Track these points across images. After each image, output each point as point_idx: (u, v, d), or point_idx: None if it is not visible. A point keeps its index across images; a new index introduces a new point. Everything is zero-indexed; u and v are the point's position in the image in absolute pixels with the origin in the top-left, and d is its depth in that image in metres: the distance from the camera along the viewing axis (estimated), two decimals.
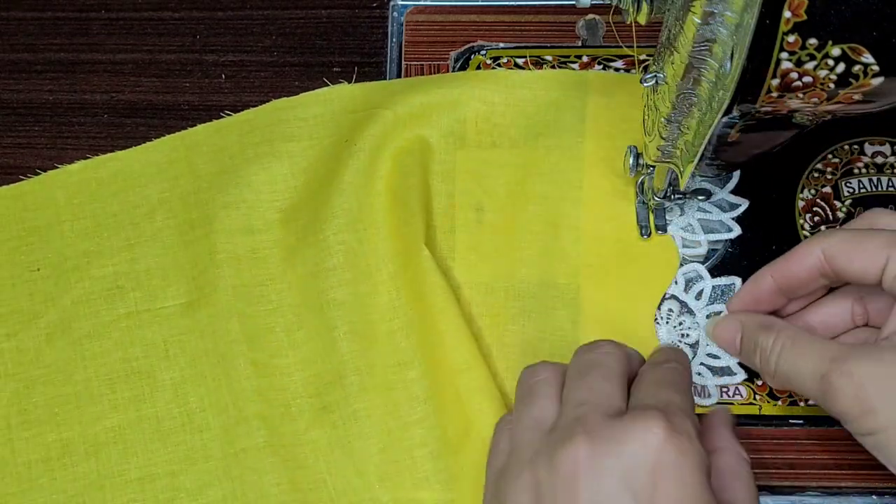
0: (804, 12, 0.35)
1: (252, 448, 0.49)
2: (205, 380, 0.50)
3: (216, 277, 0.52)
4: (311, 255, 0.52)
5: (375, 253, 0.51)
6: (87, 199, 0.55)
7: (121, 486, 0.49)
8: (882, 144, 0.55)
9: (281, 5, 0.63)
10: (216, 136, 0.56)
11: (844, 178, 0.54)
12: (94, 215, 0.54)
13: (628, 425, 0.38)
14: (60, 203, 0.55)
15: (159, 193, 0.55)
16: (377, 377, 0.49)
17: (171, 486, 0.49)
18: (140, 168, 0.56)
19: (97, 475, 0.49)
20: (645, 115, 0.49)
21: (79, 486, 0.49)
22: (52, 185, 0.55)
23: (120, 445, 0.49)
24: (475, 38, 0.59)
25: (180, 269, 0.53)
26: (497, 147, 0.55)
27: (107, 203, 0.55)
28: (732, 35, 0.37)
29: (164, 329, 0.52)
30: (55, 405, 0.50)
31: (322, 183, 0.53)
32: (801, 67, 0.37)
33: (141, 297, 0.52)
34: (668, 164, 0.47)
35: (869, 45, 0.36)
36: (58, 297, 0.52)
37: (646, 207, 0.53)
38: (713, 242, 0.53)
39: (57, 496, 0.49)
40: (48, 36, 0.62)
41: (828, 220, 0.53)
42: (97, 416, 0.50)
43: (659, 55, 0.46)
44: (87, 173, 0.55)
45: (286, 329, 0.51)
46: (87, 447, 0.49)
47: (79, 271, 0.53)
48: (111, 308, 0.52)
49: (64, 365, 0.51)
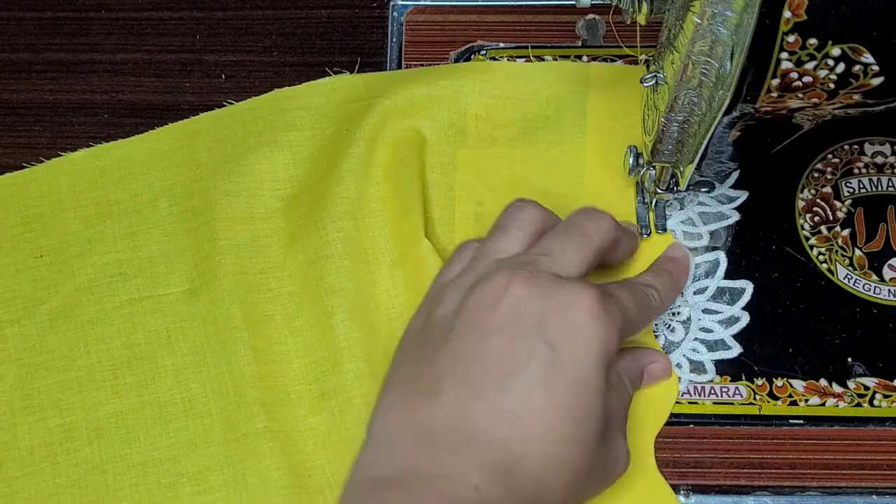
0: (804, 12, 0.35)
1: (252, 433, 0.49)
2: (206, 366, 0.51)
3: (217, 265, 0.52)
4: (310, 243, 0.52)
5: (374, 241, 0.52)
6: (89, 187, 0.55)
7: (123, 471, 0.49)
8: (882, 144, 0.55)
9: (281, 5, 0.63)
10: (219, 125, 0.56)
11: (844, 178, 0.54)
12: (96, 203, 0.55)
13: (569, 286, 0.42)
14: (63, 190, 0.55)
15: (162, 181, 0.55)
16: (374, 364, 0.49)
17: (173, 471, 0.49)
18: (143, 156, 0.56)
19: (99, 460, 0.49)
20: (645, 115, 0.49)
21: (81, 470, 0.49)
22: (55, 172, 0.55)
23: (122, 430, 0.50)
24: (475, 38, 0.59)
25: (183, 256, 0.53)
26: (497, 141, 0.55)
27: (109, 190, 0.55)
28: (732, 35, 0.37)
29: (166, 316, 0.52)
30: (58, 390, 0.51)
31: (323, 172, 0.54)
32: (801, 67, 0.37)
33: (143, 283, 0.53)
34: (668, 165, 0.48)
35: (869, 45, 0.36)
36: (61, 284, 0.53)
37: (646, 207, 0.53)
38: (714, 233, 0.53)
39: (59, 480, 0.49)
40: (48, 36, 0.62)
41: (828, 220, 0.53)
42: (99, 402, 0.50)
43: (659, 55, 0.46)
44: (90, 161, 0.56)
45: (286, 316, 0.51)
46: (90, 432, 0.50)
47: (82, 258, 0.53)
48: (114, 295, 0.52)
49: (67, 351, 0.51)
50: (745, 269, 0.52)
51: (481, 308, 0.42)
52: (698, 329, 0.51)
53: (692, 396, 0.50)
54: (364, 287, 0.51)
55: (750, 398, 0.50)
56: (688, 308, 0.51)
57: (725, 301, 0.52)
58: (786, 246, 0.53)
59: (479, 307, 0.42)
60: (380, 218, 0.52)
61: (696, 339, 0.51)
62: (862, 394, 0.50)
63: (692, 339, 0.51)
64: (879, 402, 0.49)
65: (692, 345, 0.51)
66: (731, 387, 0.50)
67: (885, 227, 0.53)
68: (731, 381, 0.50)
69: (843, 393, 0.50)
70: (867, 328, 0.51)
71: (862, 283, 0.52)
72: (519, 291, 0.41)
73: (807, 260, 0.52)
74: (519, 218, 0.46)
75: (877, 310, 0.51)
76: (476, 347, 0.41)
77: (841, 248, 0.52)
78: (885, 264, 0.52)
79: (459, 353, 0.41)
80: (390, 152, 0.53)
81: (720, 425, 0.49)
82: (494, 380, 0.40)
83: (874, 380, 0.50)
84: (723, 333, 0.51)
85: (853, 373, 0.50)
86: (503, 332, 0.41)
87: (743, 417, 0.49)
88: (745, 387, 0.50)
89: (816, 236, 0.53)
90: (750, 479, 0.48)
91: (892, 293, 0.51)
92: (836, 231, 0.53)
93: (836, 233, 0.53)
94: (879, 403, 0.49)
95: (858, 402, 0.50)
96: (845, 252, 0.52)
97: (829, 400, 0.50)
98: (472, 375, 0.41)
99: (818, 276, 0.52)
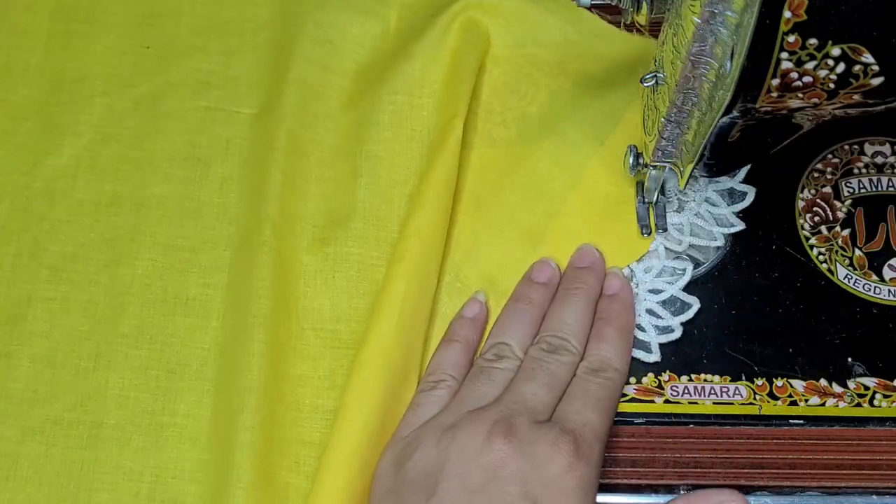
0: (804, 12, 0.35)
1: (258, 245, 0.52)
2: (246, 180, 0.55)
3: (281, 93, 0.56)
4: (364, 107, 0.56)
5: (422, 120, 0.56)
6: (208, 2, 0.60)
7: (149, 246, 0.54)
8: (882, 144, 0.55)
9: None
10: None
11: (844, 178, 0.54)
12: (209, 17, 0.60)
13: (544, 442, 0.43)
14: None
15: (269, 14, 0.59)
16: (382, 231, 0.53)
17: (189, 261, 0.54)
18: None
19: (132, 229, 0.54)
20: (645, 115, 0.49)
21: (115, 233, 0.54)
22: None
23: (159, 212, 0.55)
24: None
25: (262, 84, 0.57)
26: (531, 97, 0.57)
27: (225, 9, 0.60)
28: (732, 35, 0.37)
29: (231, 129, 0.56)
30: (120, 162, 0.56)
31: (397, 48, 0.57)
32: (801, 67, 0.37)
33: (222, 96, 0.57)
34: (668, 165, 0.48)
35: (869, 45, 0.36)
36: (155, 75, 0.58)
37: (646, 207, 0.53)
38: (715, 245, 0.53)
39: (93, 235, 0.54)
40: None
41: (828, 220, 0.53)
42: (150, 182, 0.55)
43: (659, 55, 0.46)
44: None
45: (319, 162, 0.55)
46: (132, 205, 0.55)
47: (180, 59, 0.58)
48: (195, 98, 0.57)
49: (139, 131, 0.57)
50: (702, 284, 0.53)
51: (462, 463, 0.43)
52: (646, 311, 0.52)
53: (692, 396, 0.50)
54: (396, 159, 0.55)
55: (750, 398, 0.50)
56: None
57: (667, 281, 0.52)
58: (786, 246, 0.53)
59: (460, 462, 0.43)
60: (432, 100, 0.56)
61: None
62: (862, 394, 0.50)
63: None
64: (879, 402, 0.50)
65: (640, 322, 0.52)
66: (731, 387, 0.50)
67: (885, 227, 0.53)
68: (730, 381, 0.50)
69: (843, 393, 0.50)
70: (867, 328, 0.51)
71: (862, 283, 0.52)
72: (500, 447, 0.43)
73: (807, 260, 0.52)
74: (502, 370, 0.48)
75: (877, 310, 0.51)
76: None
77: (841, 248, 0.52)
78: (885, 264, 0.52)
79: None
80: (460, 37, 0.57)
81: (720, 425, 0.49)
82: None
83: (874, 380, 0.50)
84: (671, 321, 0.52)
85: (853, 373, 0.50)
86: (486, 489, 0.43)
87: (743, 417, 0.49)
88: (745, 387, 0.50)
89: (816, 236, 0.53)
90: (750, 479, 0.48)
91: (892, 293, 0.51)
92: (836, 231, 0.53)
93: (836, 233, 0.53)
94: (879, 403, 0.50)
95: (858, 402, 0.50)
96: (845, 252, 0.52)
97: (829, 400, 0.50)
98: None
99: (818, 276, 0.52)
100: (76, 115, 0.57)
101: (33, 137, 0.56)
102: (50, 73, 0.58)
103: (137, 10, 0.60)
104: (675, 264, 0.53)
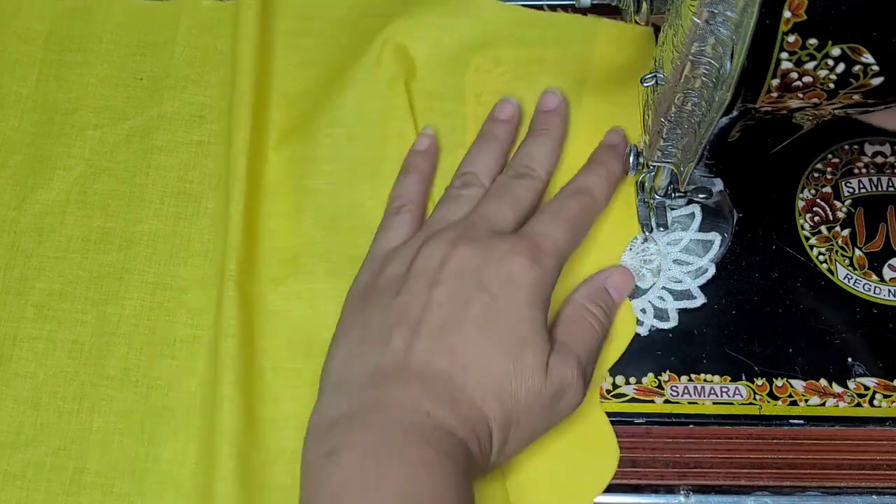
0: (804, 12, 0.35)
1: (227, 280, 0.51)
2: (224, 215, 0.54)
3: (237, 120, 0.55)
4: (298, 141, 0.56)
5: (364, 152, 0.55)
6: (203, 33, 0.59)
7: (137, 284, 0.53)
8: (882, 144, 0.55)
9: None
10: None
11: (844, 178, 0.54)
12: (204, 48, 0.59)
13: (505, 243, 0.47)
14: (181, 28, 0.59)
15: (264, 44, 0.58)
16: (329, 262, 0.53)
17: (177, 300, 0.53)
18: None
19: (121, 267, 0.54)
20: (645, 115, 0.49)
21: (102, 271, 0.54)
22: (179, 9, 0.60)
23: (148, 249, 0.54)
24: None
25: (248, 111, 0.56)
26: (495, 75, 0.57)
27: (219, 41, 0.59)
28: (732, 35, 0.37)
29: (222, 164, 0.55)
30: (110, 197, 0.55)
31: (328, 78, 0.57)
32: (801, 67, 0.37)
33: (216, 130, 0.57)
34: (668, 164, 0.47)
35: (869, 45, 0.36)
36: (148, 108, 0.57)
37: (646, 206, 0.53)
38: None
39: (81, 273, 0.54)
40: None
41: (828, 220, 0.53)
42: (140, 219, 0.55)
43: (659, 55, 0.46)
44: (214, 13, 0.59)
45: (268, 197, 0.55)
46: (122, 241, 0.54)
47: (174, 91, 0.58)
48: (188, 132, 0.57)
49: (131, 166, 0.56)
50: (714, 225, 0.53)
51: (429, 267, 0.47)
52: (667, 278, 0.52)
53: (692, 396, 0.50)
54: (338, 192, 0.54)
55: (750, 398, 0.50)
56: (659, 257, 0.52)
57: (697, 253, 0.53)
58: (786, 246, 0.53)
59: (426, 266, 0.47)
60: (373, 131, 0.55)
61: (664, 287, 0.52)
62: (862, 394, 0.50)
63: (660, 287, 0.52)
64: (879, 402, 0.50)
65: (659, 293, 0.52)
66: (731, 387, 0.50)
67: (885, 227, 0.53)
68: (731, 381, 0.50)
69: (843, 393, 0.50)
70: (867, 328, 0.51)
71: (862, 283, 0.52)
72: (462, 251, 0.47)
73: (807, 260, 0.52)
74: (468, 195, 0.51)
75: (877, 310, 0.51)
76: (422, 298, 0.46)
77: (841, 248, 0.52)
78: (885, 264, 0.52)
79: (408, 304, 0.46)
80: (393, 69, 0.56)
81: (720, 425, 0.49)
82: (437, 322, 0.45)
83: (874, 380, 0.50)
84: (690, 285, 0.52)
85: (853, 373, 0.50)
86: (447, 283, 0.46)
87: (743, 417, 0.49)
88: (745, 387, 0.50)
89: (816, 236, 0.53)
90: (750, 479, 0.48)
91: (892, 293, 0.51)
92: (836, 231, 0.53)
93: (836, 233, 0.53)
94: (879, 403, 0.50)
95: (858, 402, 0.50)
96: (845, 252, 0.52)
97: (829, 400, 0.50)
98: (418, 321, 0.45)
99: (818, 276, 0.52)
100: (67, 147, 0.56)
101: (23, 171, 0.56)
102: (42, 105, 0.57)
103: (131, 40, 0.59)
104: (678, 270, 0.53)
